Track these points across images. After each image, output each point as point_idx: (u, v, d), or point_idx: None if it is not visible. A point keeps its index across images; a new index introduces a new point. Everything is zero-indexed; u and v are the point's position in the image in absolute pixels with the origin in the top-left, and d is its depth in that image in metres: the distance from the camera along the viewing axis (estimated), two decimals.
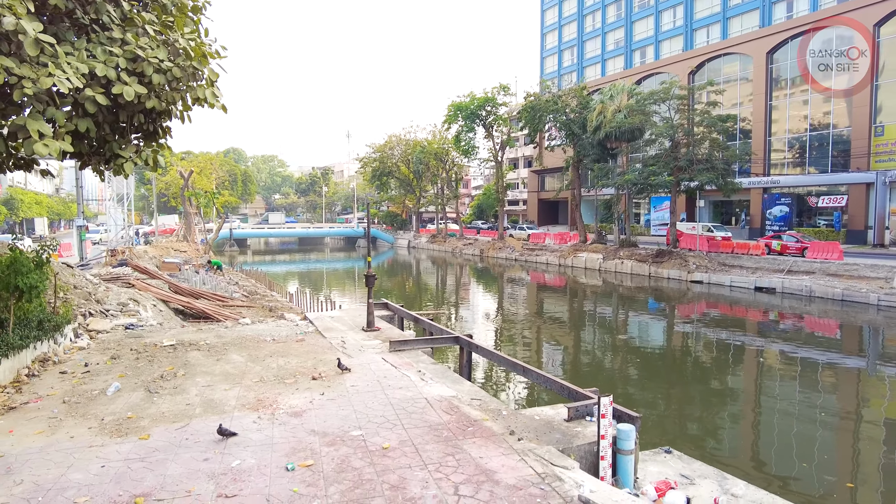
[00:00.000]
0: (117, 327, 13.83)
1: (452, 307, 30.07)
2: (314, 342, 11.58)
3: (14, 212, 68.17)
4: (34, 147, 6.97)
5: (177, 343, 11.58)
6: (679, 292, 31.87)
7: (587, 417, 7.23)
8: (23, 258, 9.42)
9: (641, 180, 38.03)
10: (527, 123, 47.90)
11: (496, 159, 55.09)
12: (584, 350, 20.02)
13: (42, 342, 10.21)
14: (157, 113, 9.20)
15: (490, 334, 22.40)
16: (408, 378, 8.80)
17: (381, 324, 13.16)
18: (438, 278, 45.75)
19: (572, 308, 29.36)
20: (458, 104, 53.38)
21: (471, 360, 10.71)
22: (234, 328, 13.54)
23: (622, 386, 14.81)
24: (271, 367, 9.66)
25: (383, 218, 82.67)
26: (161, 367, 9.85)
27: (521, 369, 8.91)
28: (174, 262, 34.10)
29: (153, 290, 22.60)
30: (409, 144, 66.18)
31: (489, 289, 38.08)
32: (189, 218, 57.05)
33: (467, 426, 6.87)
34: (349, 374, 9.10)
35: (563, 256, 45.05)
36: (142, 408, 7.73)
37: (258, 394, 8.22)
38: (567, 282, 38.67)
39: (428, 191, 71.01)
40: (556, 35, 79.45)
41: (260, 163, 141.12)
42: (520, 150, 77.01)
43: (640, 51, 66.36)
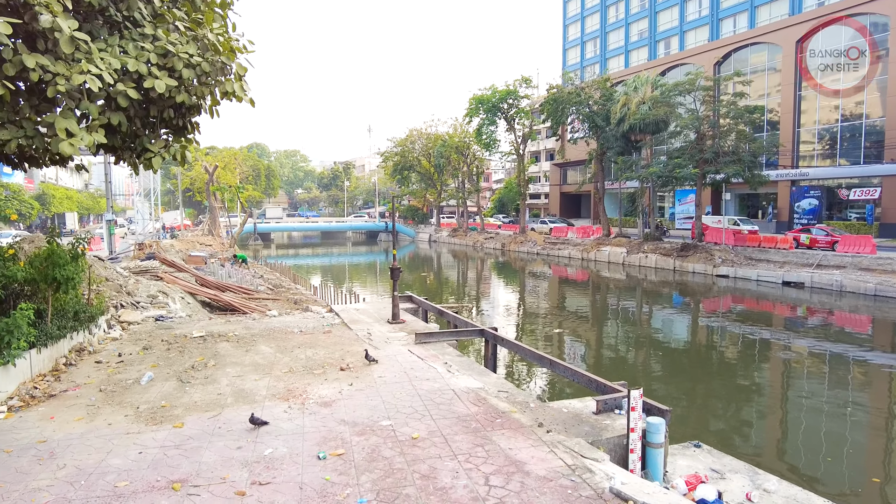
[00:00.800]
0: (148, 319, 14.12)
1: (474, 301, 30.08)
2: (341, 334, 11.69)
3: (46, 207, 69.81)
4: (60, 146, 7.13)
5: (206, 334, 11.79)
6: (704, 287, 31.46)
7: (616, 410, 7.20)
8: (59, 251, 9.65)
9: (666, 173, 37.53)
10: (549, 116, 47.52)
11: (518, 152, 54.79)
12: (607, 344, 19.90)
13: (78, 332, 10.48)
14: (187, 108, 9.35)
15: (512, 328, 22.38)
16: (434, 370, 8.84)
17: (406, 316, 13.24)
18: (460, 272, 45.78)
19: (595, 302, 29.16)
20: (480, 97, 53.14)
21: (496, 353, 10.72)
22: (262, 320, 13.73)
23: (646, 380, 14.69)
24: (300, 359, 9.78)
25: (404, 212, 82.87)
26: (192, 357, 10.04)
27: (547, 362, 8.90)
28: (200, 255, 34.59)
29: (181, 282, 23.00)
30: (430, 138, 66.15)
31: (511, 283, 38.01)
32: (214, 212, 57.90)
33: (495, 418, 6.89)
34: (376, 366, 9.18)
35: (585, 250, 44.71)
36: (175, 397, 7.89)
37: (288, 384, 8.34)
38: (590, 276, 38.41)
39: (449, 185, 70.96)
40: (579, 26, 78.58)
41: (283, 157, 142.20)
42: (542, 143, 76.48)
43: (664, 41, 65.35)
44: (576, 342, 20.06)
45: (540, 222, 61.40)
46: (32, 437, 6.54)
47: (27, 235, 17.31)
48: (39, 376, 8.89)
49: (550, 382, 14.28)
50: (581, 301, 29.83)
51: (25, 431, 6.75)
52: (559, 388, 13.53)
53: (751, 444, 10.69)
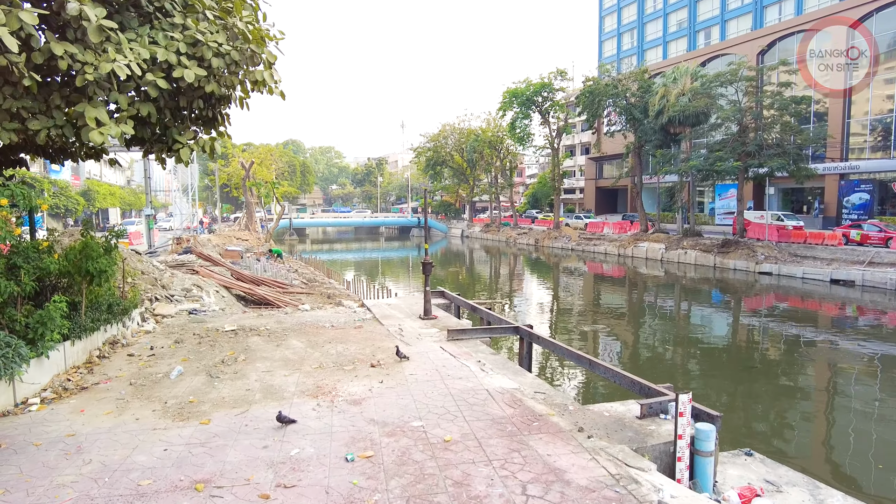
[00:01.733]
0: (181, 312, 14.16)
1: (506, 297, 29.64)
2: (372, 329, 11.47)
3: (91, 203, 71.96)
4: (89, 135, 7.04)
5: (238, 328, 11.71)
6: (746, 284, 30.38)
7: (661, 415, 6.75)
8: (93, 244, 9.65)
9: (707, 166, 36.29)
10: (585, 109, 46.66)
11: (552, 146, 53.95)
12: (644, 343, 19.25)
13: (111, 325, 10.49)
14: (217, 99, 9.22)
15: (546, 325, 21.90)
16: (467, 368, 8.51)
17: (438, 312, 12.95)
18: (492, 268, 45.33)
19: (632, 300, 28.39)
20: (514, 90, 52.46)
21: (531, 352, 10.33)
22: (294, 314, 13.63)
23: (685, 381, 14.09)
24: (330, 354, 9.58)
25: (436, 207, 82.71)
26: (222, 351, 9.94)
27: (586, 362, 8.47)
28: (236, 250, 35.00)
29: (216, 276, 23.19)
30: (463, 133, 65.70)
31: (544, 279, 37.39)
32: (250, 207, 58.73)
33: (532, 421, 6.52)
34: (407, 363, 8.90)
35: (622, 246, 43.77)
36: (203, 392, 7.76)
37: (317, 380, 8.13)
38: (627, 272, 37.54)
39: (481, 180, 70.46)
40: (615, 18, 76.93)
41: (317, 154, 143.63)
42: (576, 136, 75.26)
43: (704, 31, 63.36)
44: (612, 341, 19.48)
45: (575, 217, 60.44)
46: (62, 431, 6.46)
47: (68, 229, 17.63)
48: (73, 368, 8.90)
49: (589, 384, 13.77)
50: (617, 298, 29.09)
51: (56, 424, 6.68)
52: (598, 390, 13.03)
53: (804, 453, 10.06)
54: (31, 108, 7.45)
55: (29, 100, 7.45)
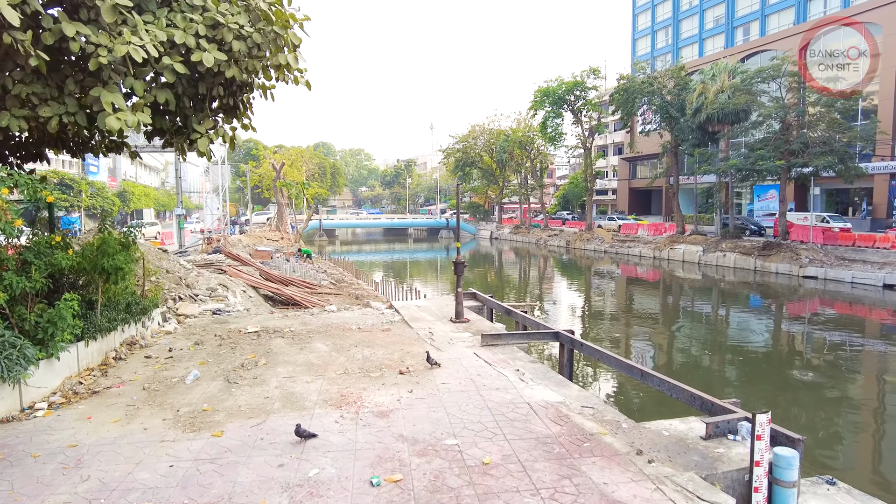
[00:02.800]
0: (205, 312, 13.73)
1: (537, 300, 28.74)
2: (400, 332, 10.80)
3: (126, 203, 73.35)
4: (106, 120, 6.54)
5: (261, 330, 11.18)
6: (789, 288, 28.92)
7: (729, 435, 5.89)
8: (110, 239, 9.21)
9: (748, 166, 34.76)
10: (619, 107, 45.48)
11: (585, 146, 52.72)
12: (685, 350, 18.18)
13: (129, 325, 10.04)
14: (238, 86, 8.67)
15: (580, 330, 20.97)
16: (505, 377, 7.76)
17: (470, 315, 12.21)
18: (522, 270, 44.39)
19: (670, 304, 27.21)
20: (545, 89, 51.46)
21: (572, 360, 9.51)
22: (320, 315, 13.06)
23: (737, 392, 13.05)
24: (356, 359, 8.93)
25: (465, 209, 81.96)
26: (243, 354, 9.38)
27: (637, 373, 7.63)
28: (266, 250, 34.94)
29: (243, 276, 22.89)
30: (493, 133, 64.84)
31: (577, 282, 36.30)
32: (281, 208, 58.96)
33: (582, 441, 5.73)
34: (439, 370, 8.19)
35: (658, 248, 42.42)
36: (219, 399, 7.18)
37: (341, 388, 7.48)
38: (663, 275, 36.26)
39: (511, 181, 69.47)
40: (649, 15, 75.17)
41: (348, 156, 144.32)
42: (609, 136, 73.73)
43: (742, 27, 61.27)
44: (651, 347, 18.46)
45: (608, 219, 59.04)
46: (64, 441, 5.93)
47: (93, 227, 17.44)
48: (86, 371, 8.44)
49: (639, 397, 12.72)
50: (655, 302, 27.92)
51: (59, 433, 6.16)
52: (651, 405, 12.01)
53: (889, 480, 9.01)
54: (41, 94, 6.98)
55: (40, 85, 6.99)
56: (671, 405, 8.92)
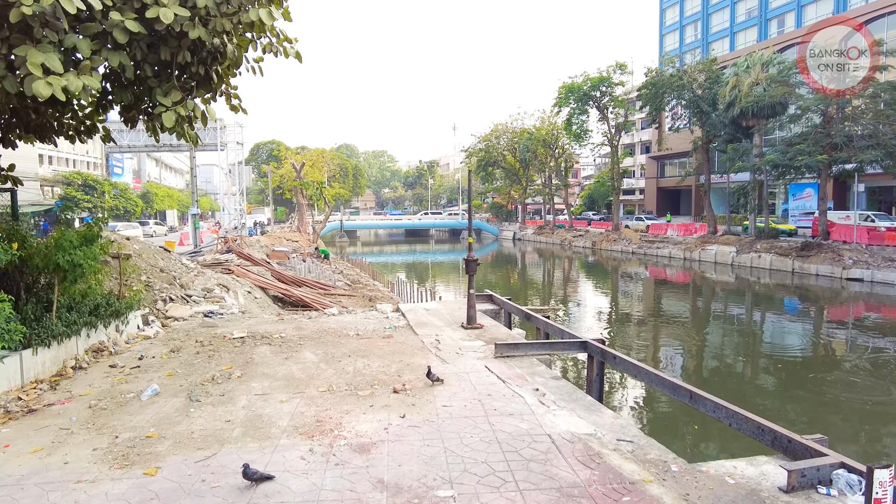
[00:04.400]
0: (196, 314, 12.57)
1: (561, 303, 27.17)
2: (403, 340, 9.43)
3: (149, 204, 73.68)
4: (34, 85, 5.33)
5: (248, 335, 9.92)
6: (831, 291, 26.90)
7: (820, 488, 4.39)
8: (68, 234, 8.05)
9: (786, 161, 32.65)
10: (647, 102, 43.70)
11: (611, 143, 50.89)
12: (731, 364, 16.45)
13: (96, 330, 8.87)
14: (209, 52, 7.40)
15: (608, 338, 19.39)
16: (521, 399, 6.32)
17: (485, 320, 10.78)
18: (546, 272, 42.74)
19: (705, 308, 25.41)
20: (570, 85, 49.83)
21: (603, 375, 8.01)
22: (318, 319, 11.78)
23: (804, 419, 11.39)
24: (346, 372, 7.59)
25: (488, 209, 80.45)
26: (219, 364, 8.13)
27: (685, 394, 6.12)
28: (283, 250, 34.29)
29: (252, 276, 21.87)
30: (516, 132, 63.26)
31: (603, 284, 34.53)
32: (301, 209, 58.36)
33: (621, 492, 4.27)
34: (441, 388, 6.80)
35: (688, 249, 40.48)
36: (171, 422, 5.90)
37: (320, 410, 6.13)
38: (694, 278, 34.38)
39: (535, 180, 67.78)
40: (678, 9, 72.75)
41: (371, 158, 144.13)
42: (636, 135, 71.57)
43: (777, 19, 58.59)
44: (691, 359, 16.77)
45: (635, 219, 57.03)
46: None
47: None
48: (33, 384, 7.25)
49: (687, 424, 10.63)
50: (688, 307, 26.12)
51: None
52: (705, 436, 10.00)
53: None
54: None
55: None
56: (731, 437, 7.37)
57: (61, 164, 58.97)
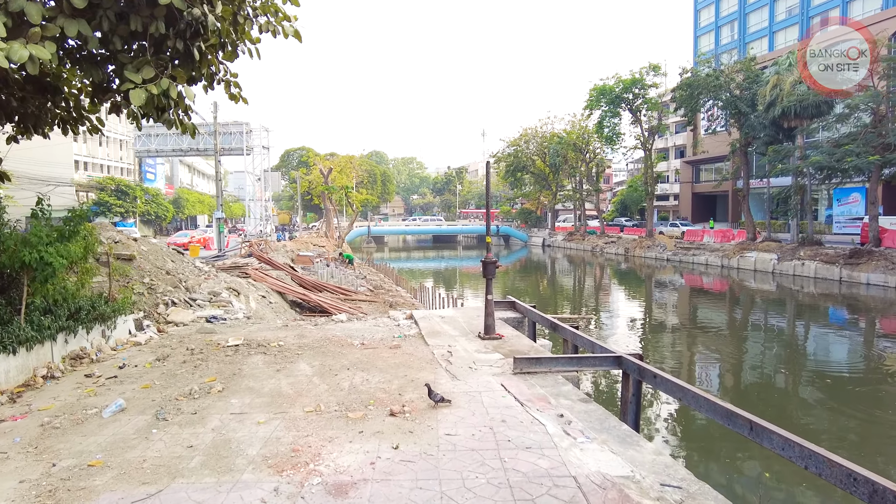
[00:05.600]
0: (198, 319, 11.80)
1: (591, 311, 25.82)
2: (412, 350, 8.41)
3: (181, 210, 74.61)
4: None
5: (243, 343, 9.03)
6: (884, 301, 25.08)
7: None
8: (41, 229, 7.28)
9: (832, 163, 30.73)
10: (682, 104, 42.09)
11: (644, 147, 49.21)
12: (771, 378, 14.98)
13: (75, 335, 8.09)
14: (189, 25, 6.52)
15: (642, 350, 18.04)
16: (541, 427, 5.23)
17: (505, 329, 9.68)
18: (576, 279, 41.29)
19: (745, 319, 23.81)
20: (601, 87, 48.44)
21: (640, 396, 6.84)
22: (324, 326, 10.84)
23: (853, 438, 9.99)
24: (340, 388, 6.60)
25: (517, 215, 79.15)
26: (203, 375, 7.24)
27: (743, 425, 4.93)
28: (308, 255, 33.92)
29: (269, 280, 21.21)
30: (545, 137, 61.92)
31: (636, 293, 32.95)
32: (328, 214, 58.16)
33: None
34: (447, 411, 5.74)
35: (726, 256, 38.68)
36: (125, 446, 4.99)
37: (300, 436, 5.15)
38: (732, 286, 32.64)
39: (565, 186, 66.25)
40: (713, 10, 70.48)
41: (400, 165, 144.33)
42: (670, 139, 69.49)
43: (819, 17, 56.12)
44: (736, 378, 15.32)
45: (670, 225, 55.13)
46: None
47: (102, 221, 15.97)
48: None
49: (747, 462, 9.02)
50: (727, 317, 24.52)
51: None
52: (771, 480, 8.14)
53: None
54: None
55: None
56: (806, 480, 6.08)
57: (96, 170, 59.97)
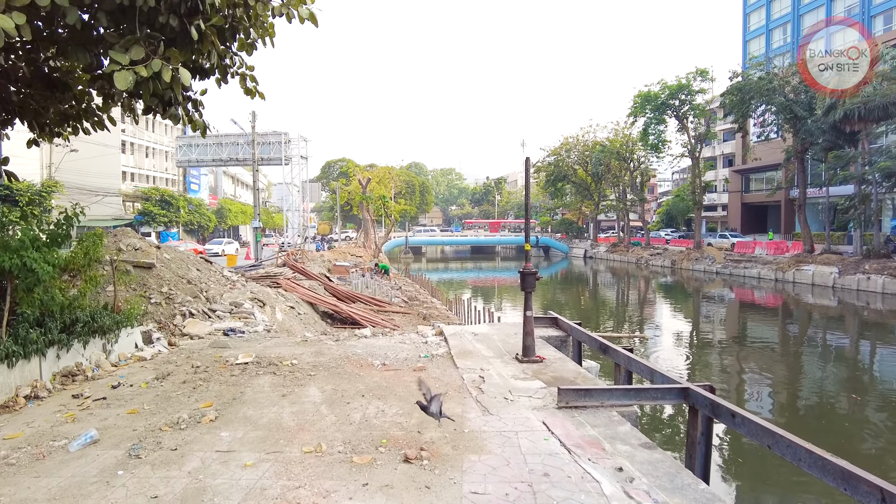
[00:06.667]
0: (216, 332, 11.02)
1: (635, 326, 24.24)
2: (438, 374, 7.33)
3: (223, 220, 75.80)
4: None
5: (254, 360, 8.13)
6: None
7: None
8: (27, 232, 6.55)
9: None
10: (732, 109, 40.14)
11: (692, 155, 47.16)
12: (839, 404, 13.27)
13: (68, 350, 7.33)
14: None
15: (704, 378, 16.50)
16: (594, 486, 4.07)
17: (547, 350, 8.49)
18: (620, 292, 39.49)
19: (805, 337, 21.93)
20: (646, 94, 46.79)
21: (710, 437, 5.57)
22: (346, 343, 9.87)
23: None
24: (350, 420, 5.58)
25: (557, 226, 77.38)
26: (199, 400, 6.34)
27: (870, 492, 3.68)
28: (344, 265, 33.46)
29: (300, 290, 20.56)
30: (587, 145, 60.28)
31: (685, 308, 31.01)
32: (366, 224, 57.84)
33: None
34: (474, 458, 4.64)
35: (780, 269, 36.38)
36: (79, 494, 4.08)
37: (290, 486, 4.14)
38: (788, 301, 30.52)
39: (608, 196, 64.32)
40: (763, 13, 67.63)
41: (439, 176, 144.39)
42: (717, 147, 66.82)
43: (883, 15, 52.92)
44: (788, 398, 13.71)
45: (719, 236, 52.66)
46: None
47: (117, 229, 15.50)
48: None
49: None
50: (783, 334, 22.61)
51: None
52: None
53: None
54: None
55: None
56: None
57: (142, 181, 61.32)
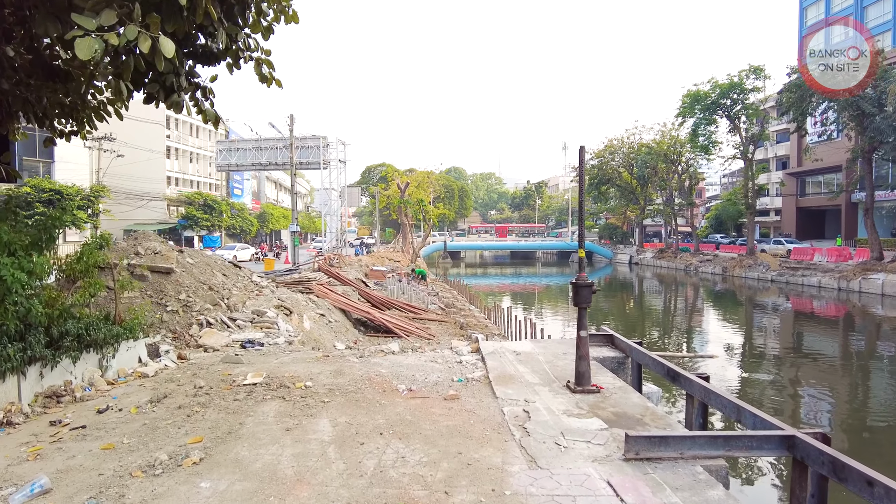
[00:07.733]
0: (233, 343, 10.14)
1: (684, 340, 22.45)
2: (473, 406, 6.16)
3: (265, 224, 76.56)
4: None
5: (264, 380, 7.12)
6: None
7: None
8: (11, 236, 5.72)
9: None
10: (789, 108, 37.77)
11: (744, 157, 44.67)
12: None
13: (53, 367, 6.47)
14: None
15: (787, 409, 14.80)
16: None
17: (603, 377, 7.18)
18: (669, 302, 37.46)
19: (873, 350, 19.88)
20: (695, 93, 44.64)
21: (825, 501, 4.25)
22: (370, 359, 8.78)
23: None
24: (361, 471, 4.47)
25: (601, 231, 75.14)
26: (189, 432, 5.35)
27: None
28: (381, 270, 32.85)
29: (332, 296, 19.76)
30: (633, 147, 58.12)
31: (738, 319, 28.79)
32: (405, 229, 57.34)
33: None
34: None
35: (843, 278, 33.81)
36: None
37: None
38: (853, 312, 28.21)
39: (654, 200, 61.90)
40: (822, 6, 64.13)
41: (478, 180, 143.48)
42: (770, 149, 63.54)
43: None
44: (860, 420, 11.94)
45: (773, 242, 49.87)
46: None
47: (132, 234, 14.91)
48: None
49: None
50: (852, 348, 20.54)
51: None
52: None
53: None
54: None
55: None
56: None
57: (186, 185, 62.26)
